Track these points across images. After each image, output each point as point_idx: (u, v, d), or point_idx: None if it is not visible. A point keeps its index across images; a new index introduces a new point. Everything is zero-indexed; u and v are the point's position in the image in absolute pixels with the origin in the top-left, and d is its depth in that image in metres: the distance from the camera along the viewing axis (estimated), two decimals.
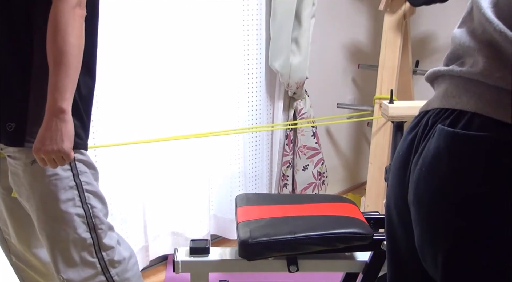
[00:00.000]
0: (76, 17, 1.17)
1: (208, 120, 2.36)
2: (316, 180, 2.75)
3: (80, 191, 1.36)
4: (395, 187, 0.92)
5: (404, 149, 0.90)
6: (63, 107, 1.18)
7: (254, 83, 2.53)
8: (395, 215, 0.94)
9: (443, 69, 0.91)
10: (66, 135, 1.19)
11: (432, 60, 3.20)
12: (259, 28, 2.46)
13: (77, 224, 1.35)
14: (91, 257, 1.39)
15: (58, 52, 1.16)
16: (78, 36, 1.18)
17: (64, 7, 1.16)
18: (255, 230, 1.42)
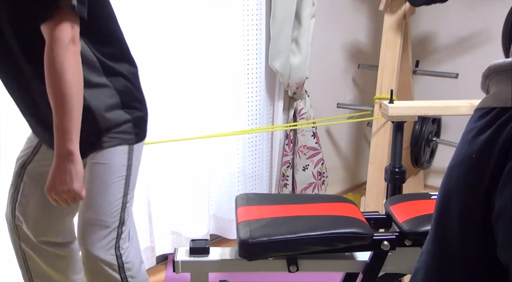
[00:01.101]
0: (71, 55, 1.18)
1: (208, 120, 2.36)
2: (316, 180, 2.75)
3: (126, 182, 1.41)
4: (464, 191, 0.79)
5: (476, 151, 0.77)
6: (70, 149, 1.21)
7: (254, 83, 2.54)
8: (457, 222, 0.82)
9: None
10: (75, 176, 1.23)
11: (432, 60, 3.20)
12: (259, 28, 2.46)
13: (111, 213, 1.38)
14: (110, 255, 1.40)
15: (58, 94, 1.18)
16: (75, 74, 1.19)
17: (57, 48, 1.16)
18: (255, 230, 1.42)
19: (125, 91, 1.39)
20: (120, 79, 1.38)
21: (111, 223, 1.38)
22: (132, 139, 1.41)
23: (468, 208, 0.79)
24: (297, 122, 2.65)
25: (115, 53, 1.38)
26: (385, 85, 2.62)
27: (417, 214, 1.50)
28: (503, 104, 0.75)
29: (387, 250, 1.47)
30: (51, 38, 1.16)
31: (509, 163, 0.73)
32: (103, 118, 1.34)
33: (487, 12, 2.89)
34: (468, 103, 1.95)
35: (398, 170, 2.05)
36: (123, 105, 1.38)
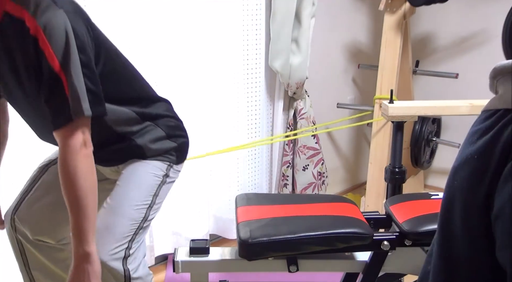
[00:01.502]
0: (83, 159, 1.21)
1: (208, 120, 2.36)
2: (316, 180, 2.75)
3: (154, 197, 1.44)
4: (466, 192, 0.80)
5: (479, 152, 0.77)
6: (88, 251, 1.23)
7: (254, 83, 2.54)
8: (460, 223, 0.82)
9: None
10: (93, 275, 1.25)
11: (432, 60, 3.20)
12: (259, 28, 2.46)
13: (131, 220, 1.38)
14: (117, 261, 1.39)
15: (72, 197, 1.22)
16: (88, 177, 1.22)
17: (69, 154, 1.20)
18: (255, 230, 1.42)
19: (166, 125, 1.49)
20: (160, 117, 1.48)
21: (126, 231, 1.37)
22: (173, 160, 1.50)
23: (470, 210, 0.80)
24: (297, 131, 2.65)
25: (145, 101, 1.46)
26: (385, 85, 2.62)
27: (417, 214, 1.50)
28: (507, 106, 0.75)
29: (387, 250, 1.47)
30: (63, 145, 1.21)
31: (508, 163, 0.73)
32: (150, 149, 1.45)
33: (487, 12, 2.89)
34: (468, 103, 1.95)
35: (398, 170, 2.05)
36: (168, 136, 1.48)
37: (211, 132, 2.40)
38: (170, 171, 1.50)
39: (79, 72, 1.16)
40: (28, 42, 1.15)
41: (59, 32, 1.14)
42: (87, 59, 1.19)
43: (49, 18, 1.14)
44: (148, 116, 1.45)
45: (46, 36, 1.13)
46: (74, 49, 1.15)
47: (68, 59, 1.14)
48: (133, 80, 1.46)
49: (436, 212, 1.51)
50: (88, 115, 1.20)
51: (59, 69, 1.14)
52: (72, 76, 1.16)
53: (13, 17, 1.17)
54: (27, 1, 1.16)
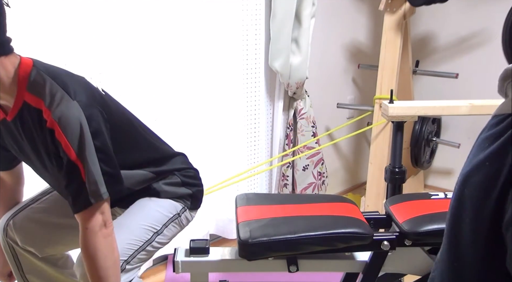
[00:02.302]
0: (102, 239, 1.25)
1: (208, 120, 2.36)
2: (316, 180, 2.75)
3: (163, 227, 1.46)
4: (477, 200, 0.78)
5: (491, 159, 0.76)
6: None
7: (254, 83, 2.53)
8: (469, 231, 0.81)
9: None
10: None
11: (432, 60, 3.20)
12: (259, 28, 2.46)
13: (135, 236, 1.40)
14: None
15: (95, 277, 1.26)
16: (108, 257, 1.26)
17: (89, 236, 1.24)
18: (255, 230, 1.42)
19: (183, 174, 1.55)
20: (176, 170, 1.54)
21: (127, 245, 1.38)
22: (188, 205, 1.54)
23: (480, 217, 0.78)
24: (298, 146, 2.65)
25: (161, 160, 1.53)
26: (385, 85, 2.62)
27: (417, 214, 1.50)
28: None
29: (387, 250, 1.47)
30: (82, 228, 1.25)
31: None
32: (164, 191, 1.51)
33: (487, 12, 2.89)
34: (468, 103, 1.95)
35: (398, 170, 2.05)
36: (183, 183, 1.54)
37: (211, 132, 2.40)
38: (183, 214, 1.53)
39: (95, 158, 1.22)
40: (45, 133, 1.23)
41: (73, 124, 1.20)
42: (102, 144, 1.25)
43: (63, 112, 1.20)
44: (165, 172, 1.52)
45: (61, 128, 1.20)
46: (89, 137, 1.21)
47: (84, 148, 1.21)
48: (148, 144, 1.50)
49: (436, 212, 1.51)
50: (105, 198, 1.25)
51: (75, 158, 1.20)
52: (89, 163, 1.21)
53: (31, 107, 1.24)
54: (43, 93, 1.23)
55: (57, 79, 1.25)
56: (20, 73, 1.23)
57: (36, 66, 1.25)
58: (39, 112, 1.23)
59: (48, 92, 1.22)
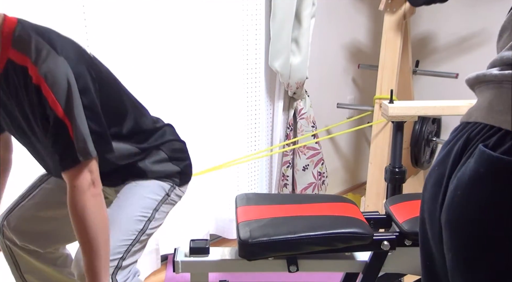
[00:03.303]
0: (91, 199, 1.23)
1: (207, 120, 2.36)
2: (316, 180, 2.75)
3: (154, 212, 1.44)
4: (429, 203, 0.83)
5: (439, 163, 0.81)
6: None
7: (254, 83, 2.53)
8: (430, 233, 0.86)
9: (489, 73, 0.76)
10: None
11: (432, 60, 3.20)
12: (259, 28, 2.46)
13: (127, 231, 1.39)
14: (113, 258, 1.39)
15: (84, 238, 1.23)
16: (97, 217, 1.23)
17: (77, 194, 1.22)
18: (255, 230, 1.42)
19: (169, 148, 1.51)
20: (162, 144, 1.50)
21: (120, 242, 1.37)
22: (177, 182, 1.52)
23: (434, 219, 0.82)
24: (298, 138, 2.65)
25: (147, 133, 1.48)
26: (385, 85, 2.62)
27: (417, 214, 1.50)
28: (466, 119, 0.79)
29: (387, 250, 1.47)
30: (70, 186, 1.22)
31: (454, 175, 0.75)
32: (152, 171, 1.46)
33: (487, 12, 2.89)
34: (468, 103, 1.95)
35: (398, 170, 2.05)
36: (170, 159, 1.50)
37: (211, 132, 2.40)
38: (172, 193, 1.51)
39: (83, 116, 1.20)
40: (31, 90, 1.18)
41: (61, 80, 1.17)
42: (90, 102, 1.22)
43: (50, 67, 1.16)
44: (150, 149, 1.48)
45: (48, 84, 1.16)
46: (77, 94, 1.18)
47: (71, 104, 1.18)
48: (135, 114, 1.46)
49: None
50: (94, 156, 1.22)
51: (62, 114, 1.18)
52: (76, 120, 1.18)
53: (17, 65, 1.19)
54: (28, 49, 1.18)
55: (44, 36, 1.20)
56: (4, 30, 1.18)
57: (21, 22, 1.21)
58: (24, 69, 1.18)
59: (34, 48, 1.17)
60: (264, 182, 2.73)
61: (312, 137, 2.70)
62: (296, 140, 2.67)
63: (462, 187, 0.72)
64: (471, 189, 0.71)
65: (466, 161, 0.73)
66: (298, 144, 2.68)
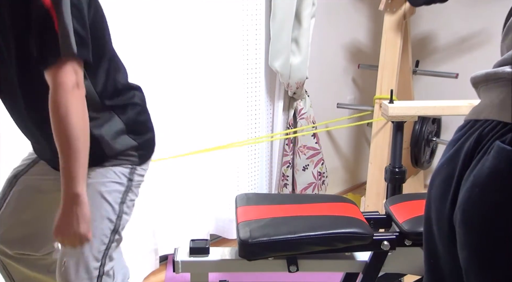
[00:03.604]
0: (75, 99, 1.17)
1: (208, 120, 2.36)
2: (316, 180, 2.75)
3: (127, 191, 1.39)
4: (437, 201, 0.84)
5: (448, 161, 0.82)
6: (77, 192, 1.20)
7: (254, 83, 2.53)
8: (436, 231, 0.86)
9: (501, 71, 0.77)
10: (82, 218, 1.22)
11: (432, 60, 3.20)
12: (259, 28, 2.46)
13: (107, 218, 1.35)
14: (95, 261, 1.36)
15: (64, 139, 1.18)
16: (80, 118, 1.19)
17: (62, 93, 1.16)
18: (255, 230, 1.42)
19: (130, 117, 1.40)
20: (124, 107, 1.39)
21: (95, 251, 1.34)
22: (136, 162, 1.41)
23: (442, 217, 0.82)
24: (297, 128, 2.65)
25: (116, 91, 1.39)
26: (385, 85, 2.61)
27: (417, 214, 1.50)
28: (475, 117, 0.80)
29: (387, 250, 1.47)
30: (54, 84, 1.16)
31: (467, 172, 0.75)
32: (109, 146, 1.36)
33: (487, 12, 2.89)
34: (468, 103, 1.95)
35: (398, 170, 2.05)
36: (128, 130, 1.39)
37: (211, 132, 2.40)
38: (134, 175, 1.42)
39: (69, 12, 1.14)
40: None
41: None
42: (78, 2, 1.17)
43: None
44: (113, 107, 1.37)
45: None
46: None
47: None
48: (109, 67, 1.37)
49: None
50: (77, 56, 1.16)
51: (50, 4, 1.12)
52: (63, 14, 1.13)
53: None
54: None
55: None
56: None
57: None
58: None
59: None
60: (264, 182, 2.73)
61: (313, 137, 2.70)
62: (295, 131, 2.68)
63: (480, 184, 0.72)
64: (491, 186, 0.71)
65: (481, 158, 0.73)
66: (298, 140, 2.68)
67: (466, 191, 0.75)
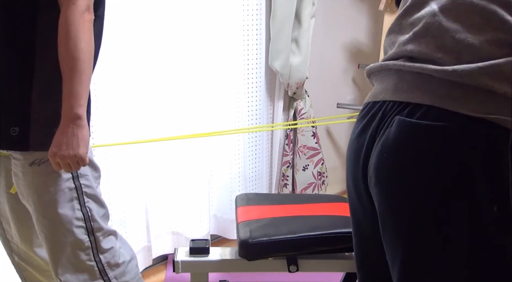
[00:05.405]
0: (86, 23, 1.19)
1: (208, 120, 2.36)
2: (316, 180, 2.75)
3: (79, 193, 1.36)
4: (351, 172, 1.05)
5: (357, 137, 1.02)
6: (79, 114, 1.20)
7: (254, 83, 2.54)
8: (355, 197, 1.06)
9: (392, 64, 0.96)
10: (82, 140, 1.21)
11: None
12: (259, 28, 2.46)
13: (75, 227, 1.35)
14: (88, 261, 1.39)
15: (71, 59, 1.18)
16: (89, 42, 1.20)
17: (74, 14, 1.17)
18: (255, 230, 1.42)
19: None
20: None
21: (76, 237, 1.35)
22: None
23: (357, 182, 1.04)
24: (298, 121, 2.65)
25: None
26: None
27: None
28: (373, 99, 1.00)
29: None
30: (67, 4, 1.17)
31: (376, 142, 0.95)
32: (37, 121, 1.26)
33: None
34: None
35: None
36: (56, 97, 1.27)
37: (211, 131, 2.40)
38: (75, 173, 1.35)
39: None
40: None
41: None
42: None
43: None
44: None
45: None
46: None
47: None
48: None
49: None
50: None
51: None
52: None
53: None
54: None
55: None
56: None
57: None
58: None
59: None
60: (264, 182, 2.73)
61: (313, 137, 2.71)
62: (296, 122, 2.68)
63: (387, 150, 0.92)
64: (396, 150, 0.91)
65: (385, 131, 0.93)
66: (298, 140, 2.68)
67: (376, 157, 0.94)
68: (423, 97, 0.88)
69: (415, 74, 0.91)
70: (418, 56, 0.92)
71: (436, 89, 0.87)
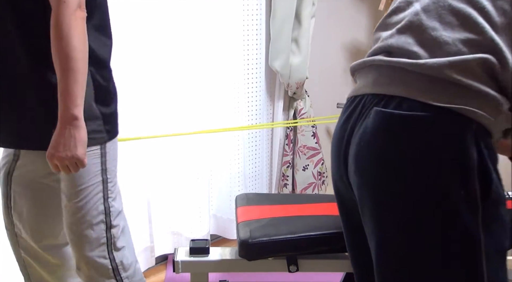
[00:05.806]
0: (78, 20, 1.17)
1: (208, 120, 2.36)
2: (316, 180, 2.75)
3: (104, 187, 1.37)
4: (334, 160, 1.17)
5: (341, 128, 1.12)
6: (75, 114, 1.19)
7: (254, 83, 2.54)
8: (340, 183, 1.16)
9: (372, 59, 1.07)
10: (79, 141, 1.20)
11: None
12: (259, 28, 2.46)
13: (96, 221, 1.36)
14: (103, 258, 1.39)
15: (64, 58, 1.17)
16: (82, 40, 1.18)
17: (65, 12, 1.15)
18: (255, 230, 1.42)
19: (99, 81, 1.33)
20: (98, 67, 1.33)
21: (96, 231, 1.36)
22: (103, 138, 1.34)
23: (338, 162, 1.16)
24: (298, 120, 2.65)
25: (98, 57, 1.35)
26: None
27: None
28: (354, 94, 1.12)
29: None
30: (58, 2, 1.15)
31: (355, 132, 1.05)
32: None
33: None
34: None
35: None
36: (96, 97, 1.32)
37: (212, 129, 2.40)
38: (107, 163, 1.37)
39: None
40: None
41: None
42: None
43: None
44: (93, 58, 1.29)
45: None
46: None
47: None
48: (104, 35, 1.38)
49: None
50: None
51: None
52: None
53: None
54: None
55: None
56: None
57: None
58: None
59: None
60: (264, 182, 2.73)
61: (313, 137, 2.71)
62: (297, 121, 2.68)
63: (365, 139, 1.01)
64: (372, 138, 0.99)
65: (363, 122, 1.02)
66: (298, 140, 2.68)
67: (355, 146, 1.04)
68: (397, 89, 0.98)
69: (392, 68, 1.00)
70: (395, 50, 1.01)
71: (409, 82, 0.96)
